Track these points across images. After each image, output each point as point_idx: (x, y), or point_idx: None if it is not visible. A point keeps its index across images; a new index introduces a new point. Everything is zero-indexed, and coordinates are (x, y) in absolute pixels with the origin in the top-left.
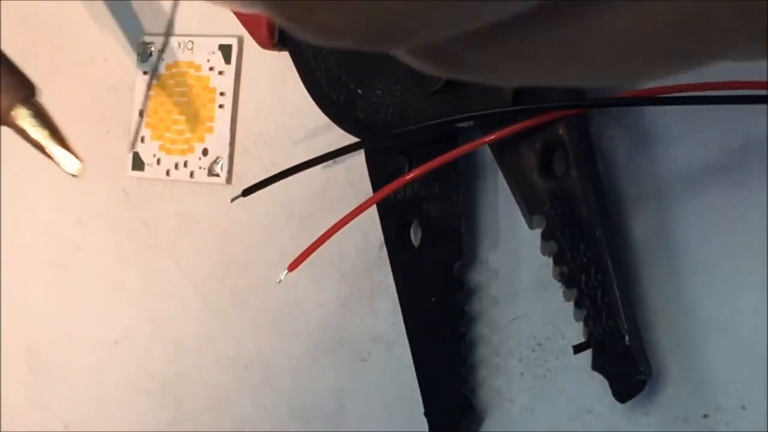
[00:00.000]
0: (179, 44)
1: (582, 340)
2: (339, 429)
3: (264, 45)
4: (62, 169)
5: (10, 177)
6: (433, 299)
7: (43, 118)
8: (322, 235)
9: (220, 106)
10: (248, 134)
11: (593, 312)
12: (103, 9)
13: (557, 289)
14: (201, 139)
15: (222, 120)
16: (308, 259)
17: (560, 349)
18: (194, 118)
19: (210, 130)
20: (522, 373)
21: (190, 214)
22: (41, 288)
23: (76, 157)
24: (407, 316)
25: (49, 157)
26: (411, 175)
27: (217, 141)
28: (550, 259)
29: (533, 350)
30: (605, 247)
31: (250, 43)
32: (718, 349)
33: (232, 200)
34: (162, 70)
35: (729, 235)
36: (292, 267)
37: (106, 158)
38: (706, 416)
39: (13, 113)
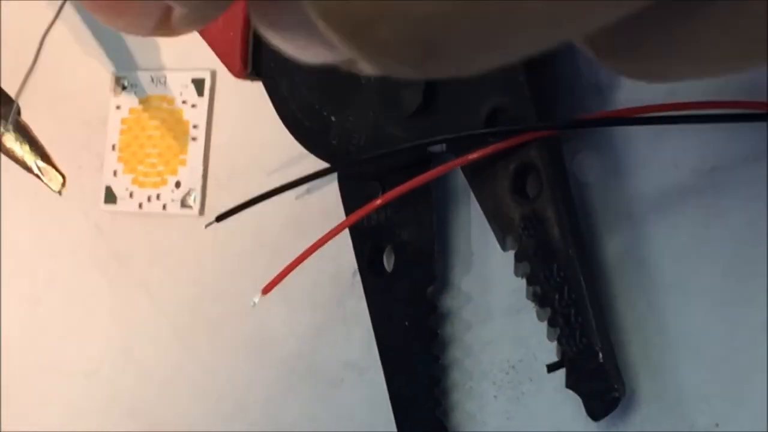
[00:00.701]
0: (152, 78)
1: (556, 360)
2: None
3: (238, 74)
4: (47, 185)
5: None
6: (407, 323)
7: (26, 135)
8: (297, 258)
9: (193, 139)
10: (221, 166)
11: (567, 331)
12: (75, 44)
13: (530, 311)
14: (174, 172)
15: (195, 153)
16: (281, 288)
17: (534, 371)
18: (167, 151)
19: (183, 162)
20: (495, 396)
21: (162, 246)
22: (12, 322)
23: (59, 173)
24: (380, 341)
25: (34, 173)
26: (382, 199)
27: (189, 173)
28: (523, 281)
29: (507, 373)
30: (578, 267)
31: (223, 76)
32: (691, 368)
33: (206, 226)
34: (135, 104)
35: (700, 255)
36: (266, 290)
37: (78, 193)
38: None
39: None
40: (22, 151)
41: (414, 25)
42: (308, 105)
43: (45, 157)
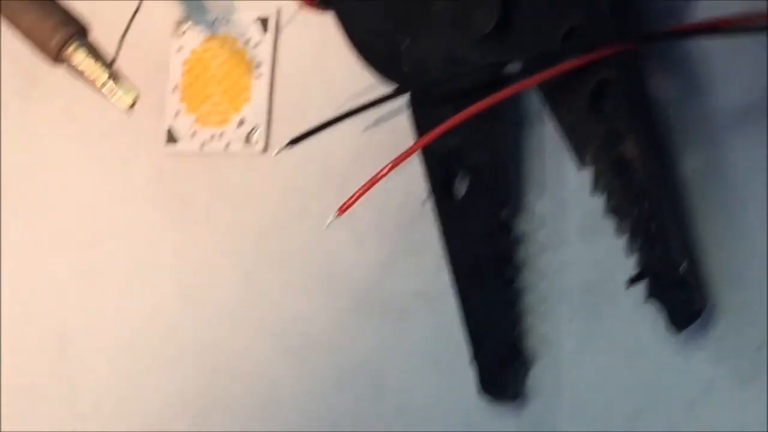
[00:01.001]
0: (216, 19)
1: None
2: (380, 387)
3: (308, 4)
4: (116, 105)
5: (40, 157)
6: (480, 248)
7: (95, 54)
8: (372, 179)
9: (258, 77)
10: (286, 103)
11: (647, 242)
12: None
13: (605, 233)
14: (237, 110)
15: (259, 90)
16: (348, 220)
17: (609, 293)
18: (230, 90)
19: (247, 100)
20: (571, 319)
21: (225, 185)
22: (73, 267)
23: (131, 89)
24: (454, 267)
25: (102, 90)
26: (456, 119)
27: (253, 111)
28: (598, 203)
29: (581, 295)
30: (657, 179)
31: (288, 12)
32: None
33: (277, 153)
34: (197, 45)
35: None
36: (342, 210)
37: (139, 135)
38: (759, 349)
39: (66, 50)
40: (92, 67)
41: None
42: (379, 32)
43: (115, 74)
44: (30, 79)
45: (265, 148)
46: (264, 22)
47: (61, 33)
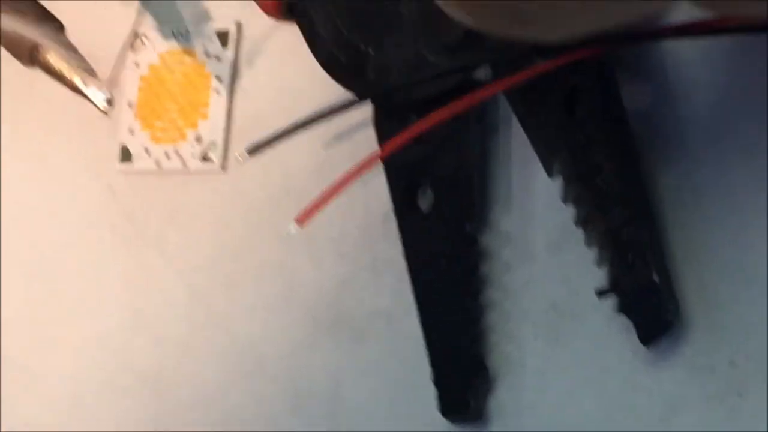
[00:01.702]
0: (173, 32)
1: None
2: (336, 411)
3: (271, 13)
4: (93, 104)
5: None
6: (444, 262)
7: (71, 52)
8: (334, 186)
9: (216, 92)
10: (245, 118)
11: (618, 253)
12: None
13: (572, 247)
14: (194, 126)
15: (217, 105)
16: (305, 238)
17: (575, 310)
18: (188, 106)
19: (204, 116)
20: (535, 337)
21: (179, 205)
22: (17, 290)
23: (105, 90)
24: (416, 282)
25: (78, 92)
26: (420, 126)
27: (211, 126)
28: (565, 216)
29: (546, 313)
30: (630, 188)
31: (248, 26)
32: (744, 295)
33: (237, 159)
34: (155, 60)
35: (756, 179)
36: (301, 219)
37: (91, 154)
38: (732, 363)
39: (41, 49)
40: (67, 66)
41: None
42: (344, 40)
43: (90, 73)
44: None
45: (223, 166)
46: (224, 35)
47: (35, 32)
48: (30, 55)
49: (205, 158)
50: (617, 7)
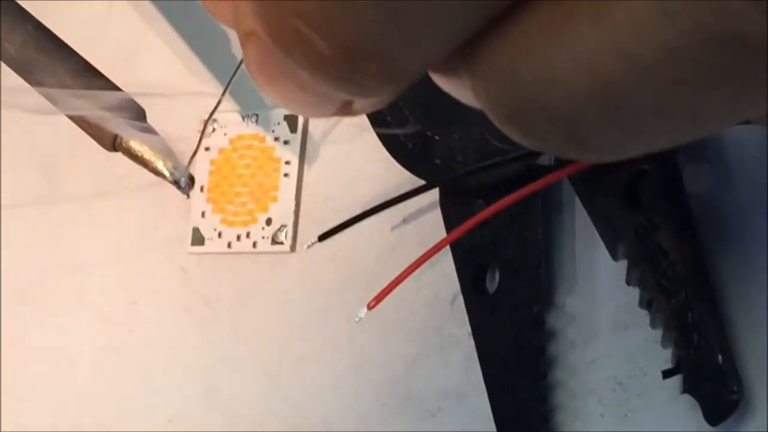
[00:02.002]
0: (243, 117)
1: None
2: None
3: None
4: (177, 189)
5: (62, 258)
6: (511, 341)
7: (152, 137)
8: (404, 271)
9: (285, 175)
10: (314, 201)
11: (683, 334)
12: (164, 87)
13: (637, 326)
14: (264, 209)
15: (287, 188)
16: (375, 318)
17: (642, 388)
18: (258, 189)
19: (274, 199)
20: (602, 415)
21: (250, 285)
22: (94, 372)
23: (186, 174)
24: (484, 363)
25: (161, 175)
26: (486, 213)
27: (281, 210)
28: (630, 297)
29: (613, 390)
30: (695, 271)
31: None
32: None
33: (307, 247)
34: (225, 144)
35: None
36: (372, 305)
37: (164, 237)
38: None
39: (122, 137)
40: (149, 151)
41: (562, 120)
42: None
43: (171, 158)
44: (51, 181)
45: (293, 248)
46: (292, 120)
47: (119, 119)
48: (113, 142)
49: (275, 241)
50: (676, 132)
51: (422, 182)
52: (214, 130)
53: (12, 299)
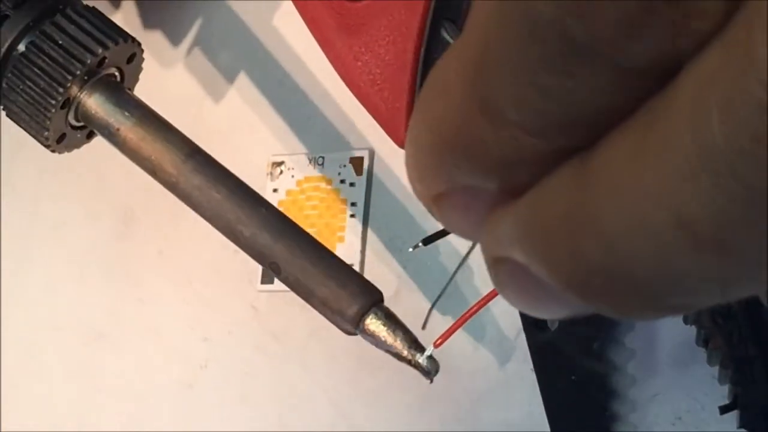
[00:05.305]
0: (310, 160)
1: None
2: None
3: (403, 144)
4: (422, 374)
5: (136, 298)
6: (573, 376)
7: (394, 322)
8: (469, 310)
9: (351, 216)
10: (380, 241)
11: (739, 370)
12: (234, 129)
13: (696, 363)
14: (332, 249)
15: (353, 229)
16: (441, 355)
17: (701, 421)
18: (325, 229)
19: (341, 239)
20: None
21: (319, 321)
22: (167, 407)
23: (432, 359)
24: (547, 397)
25: (406, 361)
26: None
27: (348, 249)
28: (690, 333)
29: (673, 424)
30: (746, 309)
31: (381, 152)
32: None
33: (413, 248)
34: (293, 186)
35: None
36: (439, 343)
37: (234, 276)
38: None
39: (365, 321)
40: (393, 337)
41: (635, 286)
42: None
43: (415, 344)
44: (126, 222)
45: None
46: (358, 162)
47: (359, 303)
48: (356, 325)
49: None
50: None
51: None
52: (281, 172)
53: (88, 337)
